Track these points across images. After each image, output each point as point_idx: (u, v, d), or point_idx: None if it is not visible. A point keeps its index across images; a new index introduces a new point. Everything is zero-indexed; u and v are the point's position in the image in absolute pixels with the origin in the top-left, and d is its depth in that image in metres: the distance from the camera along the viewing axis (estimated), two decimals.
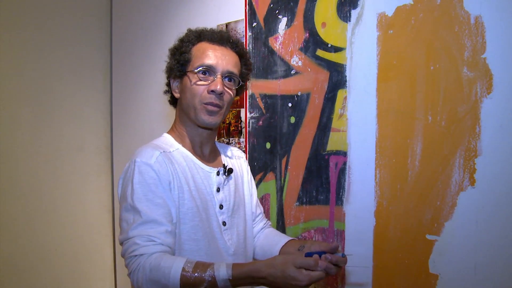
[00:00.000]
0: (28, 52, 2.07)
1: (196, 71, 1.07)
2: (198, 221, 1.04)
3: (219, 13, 1.81)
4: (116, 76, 2.43)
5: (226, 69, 1.09)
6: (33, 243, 2.09)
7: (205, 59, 1.07)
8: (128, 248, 0.94)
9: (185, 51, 1.10)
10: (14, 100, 2.03)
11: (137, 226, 0.94)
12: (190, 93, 1.08)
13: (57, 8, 2.19)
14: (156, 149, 1.04)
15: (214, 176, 1.12)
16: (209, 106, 1.07)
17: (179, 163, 1.06)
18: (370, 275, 1.31)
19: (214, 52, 1.09)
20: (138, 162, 1.00)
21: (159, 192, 0.98)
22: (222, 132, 1.80)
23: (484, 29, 1.08)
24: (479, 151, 1.10)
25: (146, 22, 2.21)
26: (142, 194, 0.97)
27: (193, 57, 1.09)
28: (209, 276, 0.88)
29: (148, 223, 0.94)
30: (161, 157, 1.02)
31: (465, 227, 1.13)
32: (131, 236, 0.94)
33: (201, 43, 1.11)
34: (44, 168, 2.14)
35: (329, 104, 1.40)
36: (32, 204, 2.09)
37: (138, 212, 0.95)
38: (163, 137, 1.14)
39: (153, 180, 0.98)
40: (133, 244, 0.93)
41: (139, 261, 0.91)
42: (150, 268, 0.89)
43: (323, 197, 1.43)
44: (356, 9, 1.33)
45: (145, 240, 0.93)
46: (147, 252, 0.92)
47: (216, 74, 1.07)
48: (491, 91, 1.08)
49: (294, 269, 0.87)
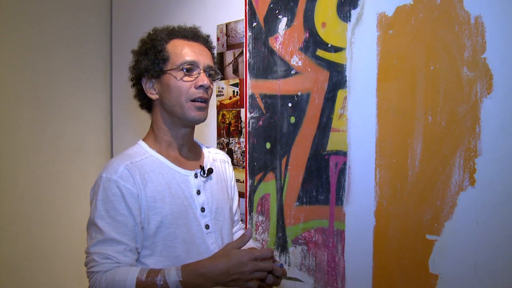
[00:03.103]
0: (28, 52, 2.07)
1: (180, 68, 1.05)
2: (175, 228, 1.03)
3: (219, 13, 1.81)
4: (116, 76, 2.43)
5: (206, 63, 1.09)
6: (33, 243, 2.09)
7: (186, 55, 1.07)
8: (88, 263, 0.98)
9: (161, 49, 1.07)
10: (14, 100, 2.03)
11: (97, 243, 0.97)
12: (175, 91, 1.06)
13: (57, 8, 2.19)
14: (124, 161, 1.02)
15: (192, 179, 1.10)
16: (197, 102, 1.07)
17: (152, 171, 1.05)
18: (370, 275, 1.31)
19: (192, 48, 1.08)
20: (103, 178, 1.00)
21: (121, 209, 0.98)
22: (222, 132, 1.80)
23: (484, 29, 1.08)
24: (479, 151, 1.10)
25: (146, 22, 2.21)
26: (105, 211, 0.98)
27: (171, 54, 1.07)
28: (160, 280, 0.91)
29: (107, 241, 0.97)
30: (126, 170, 1.00)
31: (465, 227, 1.13)
32: (91, 252, 0.97)
33: (174, 41, 1.09)
34: (44, 168, 2.14)
35: (329, 104, 1.40)
36: (32, 204, 2.09)
37: (99, 230, 0.98)
38: (137, 145, 1.12)
39: (116, 197, 0.98)
40: (91, 260, 0.97)
41: (96, 278, 0.95)
42: (106, 283, 0.93)
43: (323, 197, 1.43)
44: (356, 9, 1.33)
45: (102, 257, 0.96)
46: (102, 269, 0.95)
47: (199, 69, 1.07)
48: (491, 91, 1.08)
49: (237, 251, 0.93)
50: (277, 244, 1.57)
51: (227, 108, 1.77)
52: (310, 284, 1.48)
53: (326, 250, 1.43)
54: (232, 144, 1.76)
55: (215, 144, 1.83)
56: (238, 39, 1.72)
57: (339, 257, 1.39)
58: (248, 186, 1.68)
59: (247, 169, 1.67)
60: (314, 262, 1.46)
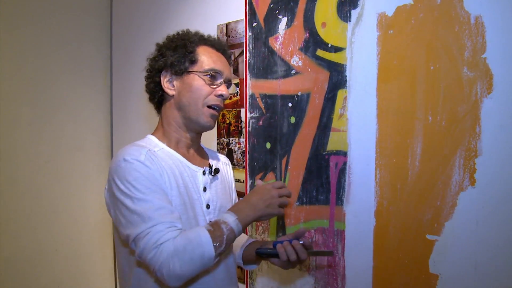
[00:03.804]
0: (28, 52, 2.07)
1: (207, 73, 1.09)
2: (186, 219, 1.04)
3: (219, 13, 1.81)
4: (116, 76, 2.43)
5: (228, 77, 1.14)
6: (33, 243, 2.09)
7: (214, 63, 1.11)
8: (152, 238, 0.91)
9: (191, 51, 1.11)
10: (14, 99, 2.03)
11: (153, 214, 0.93)
12: (196, 93, 1.09)
13: (57, 8, 2.19)
14: (142, 148, 1.03)
15: (200, 175, 1.12)
16: (212, 110, 1.10)
17: (166, 161, 1.05)
18: (370, 275, 1.31)
19: (220, 58, 1.14)
20: (129, 160, 0.98)
21: (158, 184, 0.99)
22: (222, 132, 1.80)
23: (484, 29, 1.08)
24: (479, 151, 1.10)
25: (146, 22, 2.21)
26: (145, 187, 0.96)
27: (201, 58, 1.11)
28: (222, 224, 0.98)
29: (162, 209, 0.95)
30: (148, 155, 1.01)
31: (465, 227, 1.13)
32: (152, 225, 0.92)
33: (205, 46, 1.13)
34: (44, 168, 2.14)
35: (329, 104, 1.40)
36: (32, 204, 2.09)
37: (148, 202, 0.95)
38: (146, 138, 1.13)
39: (149, 174, 0.98)
40: (156, 232, 0.92)
41: (169, 247, 0.91)
42: (183, 247, 0.91)
43: (323, 197, 1.43)
44: (356, 9, 1.33)
45: (166, 226, 0.93)
46: (172, 236, 0.92)
47: (222, 80, 1.12)
48: (491, 91, 1.08)
49: (257, 187, 1.09)
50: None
51: (227, 108, 1.77)
52: (310, 284, 1.48)
53: None
54: (232, 144, 1.76)
55: (215, 144, 1.83)
56: (238, 39, 1.72)
57: (339, 257, 1.39)
58: (248, 186, 1.68)
59: (247, 169, 1.67)
60: (314, 262, 1.46)
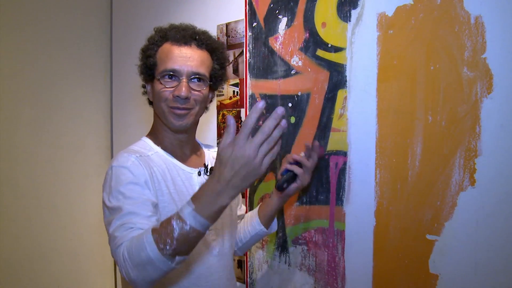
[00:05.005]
0: (28, 52, 2.07)
1: (159, 78, 1.05)
2: None
3: (219, 13, 1.81)
4: (116, 76, 2.43)
5: (191, 70, 1.05)
6: (33, 243, 2.09)
7: (168, 62, 1.04)
8: (112, 246, 0.89)
9: (151, 54, 1.07)
10: (14, 100, 2.03)
11: (116, 220, 0.90)
12: (157, 98, 1.06)
13: (57, 8, 2.19)
14: (132, 153, 1.02)
15: (195, 177, 1.11)
16: (176, 110, 1.05)
17: (158, 166, 1.05)
18: (370, 275, 1.31)
19: (179, 53, 1.05)
20: (115, 167, 0.99)
21: (137, 190, 0.96)
22: (222, 132, 1.80)
23: (484, 29, 1.08)
24: (479, 151, 1.10)
25: (146, 22, 2.21)
26: (121, 194, 0.95)
27: (158, 60, 1.06)
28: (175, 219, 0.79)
29: (127, 214, 0.91)
30: (137, 160, 1.00)
31: (465, 227, 1.13)
32: (112, 231, 0.89)
33: (165, 44, 1.08)
34: (44, 168, 2.14)
35: (329, 104, 1.40)
36: (32, 204, 2.09)
37: (118, 209, 0.92)
38: (141, 141, 1.13)
39: (130, 179, 0.97)
40: (113, 238, 0.88)
41: (119, 253, 0.84)
42: (128, 252, 0.81)
43: (323, 197, 1.43)
44: (356, 9, 1.33)
45: (124, 229, 0.88)
46: (125, 239, 0.85)
47: (181, 77, 1.04)
48: (491, 91, 1.08)
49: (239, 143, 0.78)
50: (277, 244, 1.57)
51: (227, 108, 1.77)
52: (310, 284, 1.48)
53: (326, 250, 1.43)
54: None
55: (215, 144, 1.83)
56: (238, 39, 1.72)
57: (339, 257, 1.39)
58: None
59: None
60: (314, 262, 1.46)
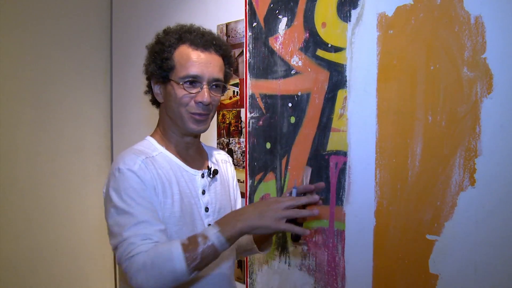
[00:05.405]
0: (28, 52, 2.07)
1: (181, 83, 1.03)
2: (182, 225, 1.03)
3: (219, 13, 1.81)
4: (116, 76, 2.43)
5: (212, 77, 1.05)
6: (33, 243, 2.09)
7: (190, 68, 1.03)
8: (125, 250, 0.91)
9: (167, 57, 1.05)
10: (14, 100, 2.03)
11: (131, 227, 0.92)
12: (176, 103, 1.04)
13: (57, 8, 2.19)
14: (138, 155, 1.02)
15: (199, 179, 1.11)
16: (197, 116, 1.05)
17: (163, 167, 1.04)
18: (370, 275, 1.31)
19: (199, 58, 1.04)
20: (122, 169, 0.98)
21: (146, 196, 0.98)
22: (222, 132, 1.80)
23: (484, 29, 1.08)
24: (479, 151, 1.10)
25: (146, 22, 2.21)
26: (131, 199, 0.96)
27: (177, 64, 1.04)
28: (201, 237, 0.89)
29: (141, 223, 0.93)
30: (143, 164, 1.00)
31: (465, 227, 1.13)
32: (126, 237, 0.92)
33: (183, 47, 1.05)
34: (44, 168, 2.14)
35: (329, 104, 1.40)
36: (32, 204, 2.09)
37: (130, 215, 0.94)
38: (146, 140, 1.12)
39: (139, 185, 0.97)
40: (129, 244, 0.91)
41: (138, 259, 0.88)
42: (151, 261, 0.87)
43: (323, 197, 1.42)
44: (356, 9, 1.33)
45: (141, 238, 0.91)
46: (143, 250, 0.89)
47: (202, 83, 1.03)
48: (491, 91, 1.08)
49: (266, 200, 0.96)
50: (277, 244, 1.57)
51: (227, 108, 1.77)
52: (310, 284, 1.48)
53: (326, 250, 1.43)
54: (232, 144, 1.76)
55: (215, 144, 1.83)
56: (238, 39, 1.72)
57: (339, 257, 1.39)
58: (248, 186, 1.68)
59: (247, 169, 1.67)
60: (314, 262, 1.46)
